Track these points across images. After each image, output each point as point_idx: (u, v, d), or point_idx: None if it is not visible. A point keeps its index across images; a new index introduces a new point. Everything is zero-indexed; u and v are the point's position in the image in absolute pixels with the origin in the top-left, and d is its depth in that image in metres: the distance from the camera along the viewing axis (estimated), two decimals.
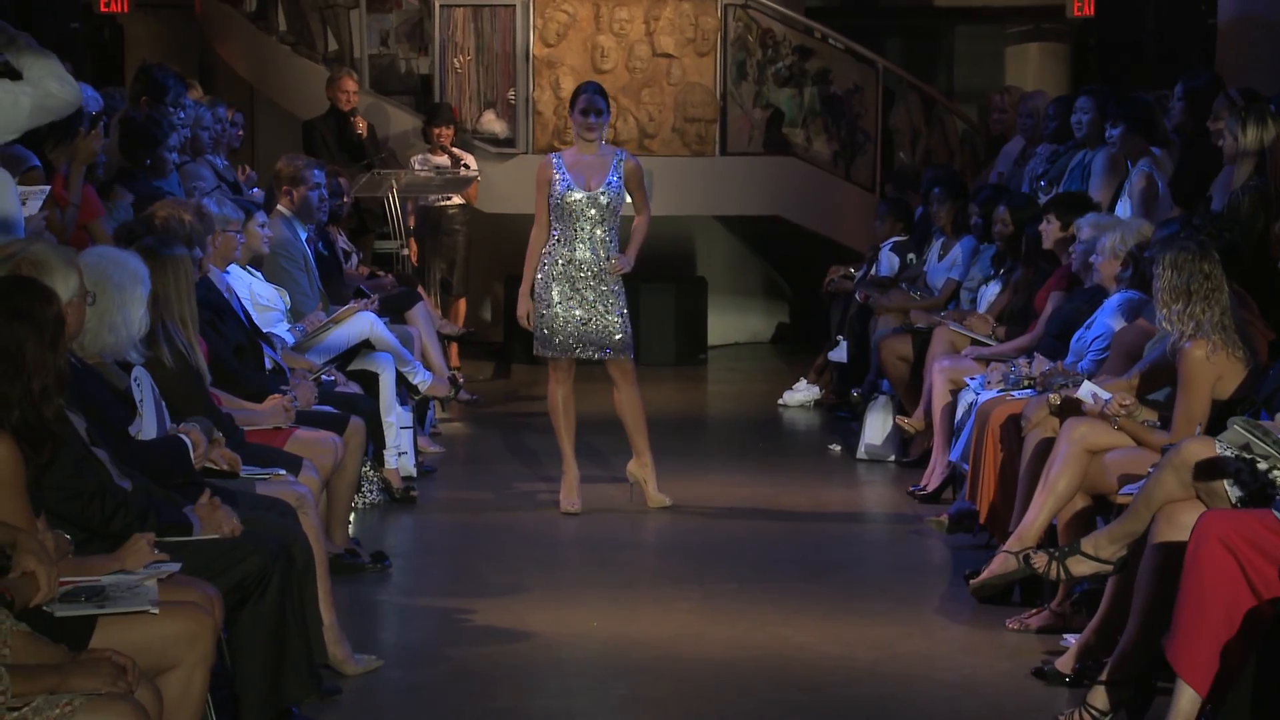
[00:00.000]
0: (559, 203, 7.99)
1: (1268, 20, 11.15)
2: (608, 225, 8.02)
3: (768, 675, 5.75)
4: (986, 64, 17.32)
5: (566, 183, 7.98)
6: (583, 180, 7.97)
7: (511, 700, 5.54)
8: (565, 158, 8.09)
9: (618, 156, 8.10)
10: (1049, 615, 6.24)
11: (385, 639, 6.26)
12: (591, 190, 7.96)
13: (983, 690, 5.63)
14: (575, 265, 8.02)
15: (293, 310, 8.32)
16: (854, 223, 13.25)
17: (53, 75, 5.60)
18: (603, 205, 7.98)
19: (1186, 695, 4.70)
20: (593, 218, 7.99)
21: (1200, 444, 5.20)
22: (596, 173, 8.00)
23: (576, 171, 8.00)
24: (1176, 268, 5.85)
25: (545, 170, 8.05)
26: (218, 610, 4.33)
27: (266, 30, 13.71)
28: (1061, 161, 9.55)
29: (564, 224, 8.02)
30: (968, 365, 8.26)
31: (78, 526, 4.44)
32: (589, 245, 8.01)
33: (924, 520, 7.92)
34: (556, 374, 8.25)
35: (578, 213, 7.97)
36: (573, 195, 7.96)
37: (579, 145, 8.11)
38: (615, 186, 8.01)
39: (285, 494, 5.58)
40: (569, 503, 8.16)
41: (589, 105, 8.00)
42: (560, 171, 8.00)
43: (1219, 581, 4.63)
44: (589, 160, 8.04)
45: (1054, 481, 6.09)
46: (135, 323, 5.16)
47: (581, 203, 7.96)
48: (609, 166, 8.03)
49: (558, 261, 8.05)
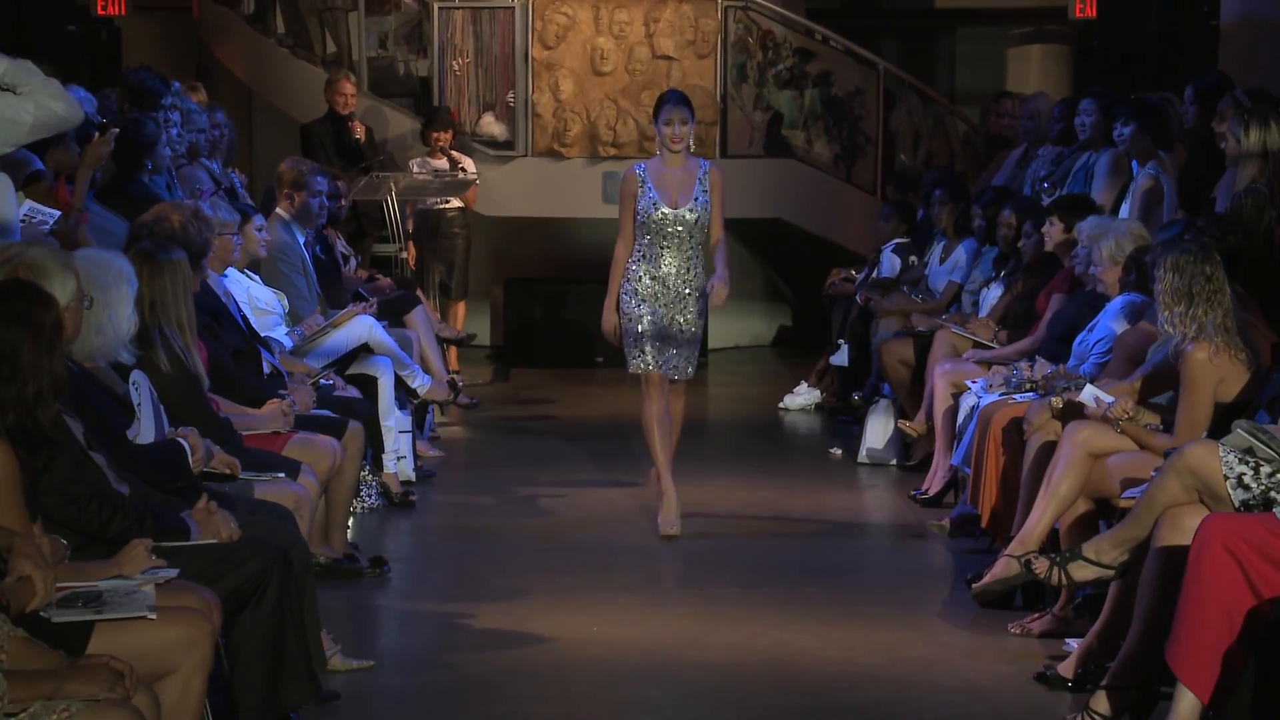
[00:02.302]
0: (644, 219, 7.74)
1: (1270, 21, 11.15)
2: (694, 241, 7.79)
3: (769, 680, 5.75)
4: (988, 66, 17.31)
5: (652, 198, 7.73)
6: (668, 196, 7.73)
7: (511, 706, 5.53)
8: (650, 171, 7.80)
9: (703, 168, 7.82)
10: (1051, 620, 6.24)
11: (384, 644, 6.27)
12: (678, 207, 7.72)
13: (985, 695, 5.64)
14: (660, 282, 7.79)
15: (291, 314, 8.33)
16: (855, 225, 13.25)
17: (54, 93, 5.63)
18: (690, 222, 7.74)
19: (1187, 700, 4.71)
20: (679, 235, 7.75)
21: (1203, 448, 5.20)
22: (683, 188, 7.76)
23: (662, 186, 7.75)
24: (1178, 270, 5.86)
25: (630, 184, 7.78)
26: (216, 616, 4.33)
27: (264, 32, 13.71)
28: (1066, 164, 9.55)
29: (649, 239, 7.79)
30: (969, 369, 8.27)
31: (75, 531, 4.45)
32: (674, 263, 7.78)
33: (926, 525, 7.93)
34: (649, 389, 7.86)
35: (664, 229, 7.74)
36: (659, 212, 7.71)
37: (663, 156, 7.80)
38: (703, 202, 7.75)
39: (283, 496, 5.59)
40: (667, 524, 7.78)
41: (674, 115, 7.73)
42: (646, 185, 7.75)
43: (1221, 586, 4.64)
44: (675, 174, 7.77)
45: (1056, 485, 6.09)
46: (123, 323, 5.15)
47: (668, 220, 7.72)
48: (695, 179, 7.77)
49: (643, 278, 7.81)
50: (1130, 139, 8.47)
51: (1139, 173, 8.44)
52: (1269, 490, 5.02)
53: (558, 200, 13.14)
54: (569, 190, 13.07)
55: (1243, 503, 5.04)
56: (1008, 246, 9.03)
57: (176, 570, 4.36)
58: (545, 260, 13.84)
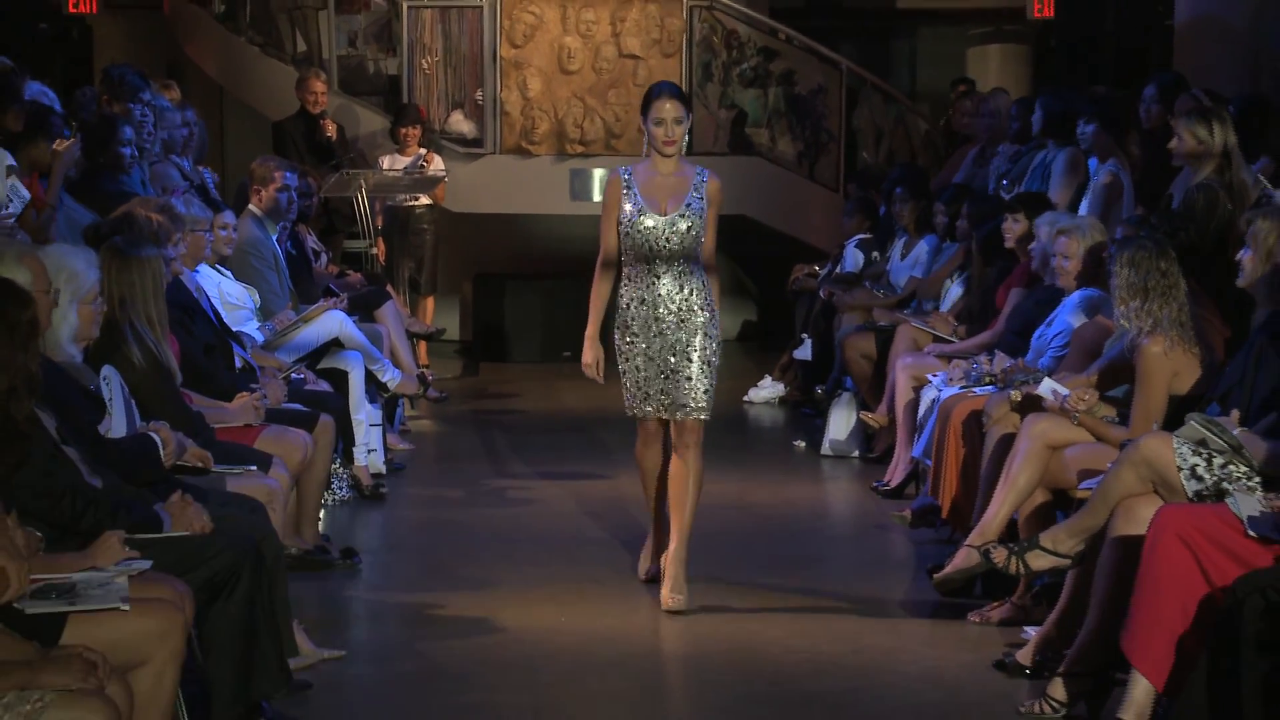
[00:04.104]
0: (629, 231, 6.40)
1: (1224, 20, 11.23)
2: (691, 255, 6.42)
3: (735, 669, 5.76)
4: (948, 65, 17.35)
5: (638, 205, 6.40)
6: (656, 203, 6.38)
7: (480, 695, 5.54)
8: (637, 175, 6.46)
9: (700, 175, 6.48)
10: (1010, 608, 6.28)
11: (355, 635, 6.26)
12: (667, 214, 6.38)
13: (945, 682, 5.67)
14: (651, 306, 6.44)
15: (262, 309, 8.30)
16: (818, 222, 13.28)
17: None
18: (683, 232, 6.38)
19: (1141, 686, 4.75)
20: (670, 248, 6.39)
21: (1158, 440, 5.24)
22: (675, 194, 6.41)
23: (650, 192, 6.41)
24: (1134, 265, 5.90)
25: (613, 189, 6.46)
26: (188, 607, 4.33)
27: (235, 31, 13.68)
28: (1023, 161, 9.59)
29: (636, 257, 6.44)
30: (930, 362, 8.30)
31: (48, 524, 4.43)
32: (666, 281, 6.43)
33: (888, 515, 7.95)
34: (643, 433, 6.66)
35: (653, 243, 6.38)
36: (645, 221, 6.38)
37: (654, 160, 6.44)
38: (698, 209, 6.40)
39: (255, 489, 5.58)
40: (644, 569, 6.85)
41: (665, 111, 6.38)
42: (631, 191, 6.43)
43: (1175, 575, 4.67)
44: (666, 180, 6.43)
45: (1015, 477, 6.12)
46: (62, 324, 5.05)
47: (657, 231, 6.37)
48: (689, 186, 6.44)
49: (630, 306, 6.48)
50: (1092, 137, 8.51)
51: (1100, 169, 8.48)
52: (1221, 481, 5.07)
53: (526, 197, 13.15)
54: (537, 187, 13.08)
55: (1196, 493, 5.08)
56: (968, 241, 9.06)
57: (150, 562, 4.34)
58: (514, 256, 13.84)
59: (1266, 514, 4.69)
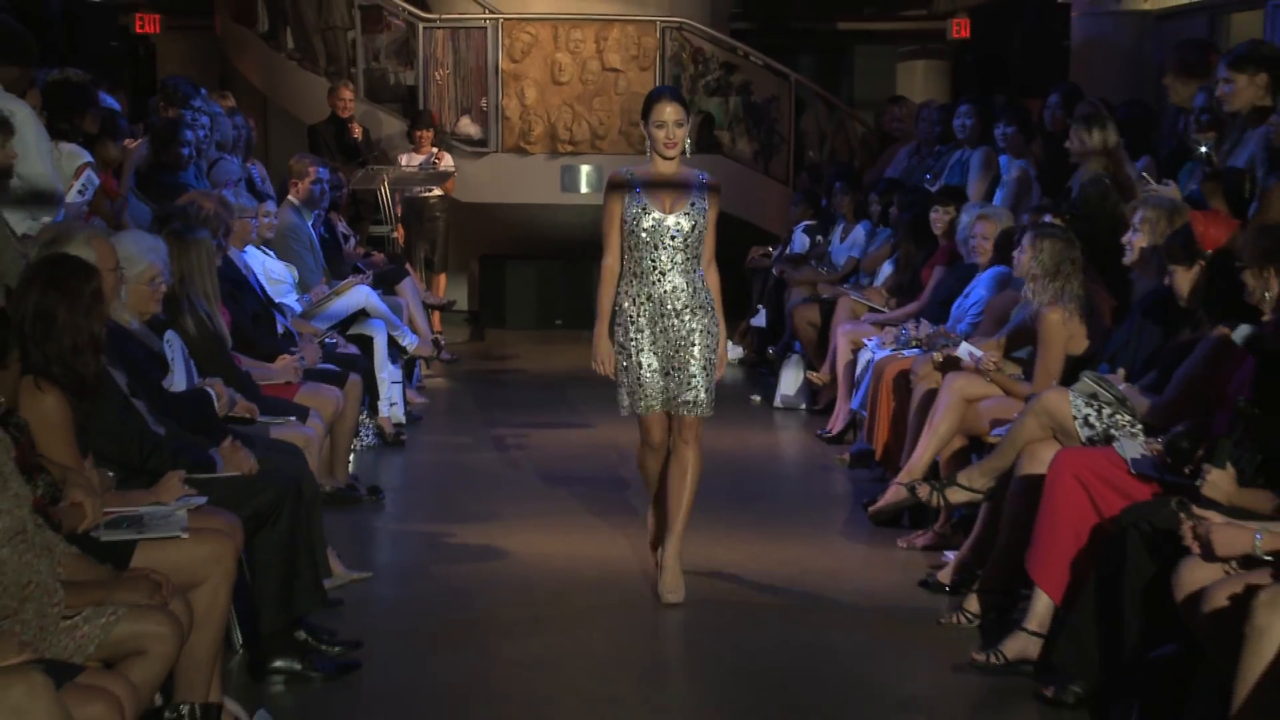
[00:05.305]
0: (633, 228, 5.59)
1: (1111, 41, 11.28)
2: (690, 255, 5.61)
3: (700, 587, 5.77)
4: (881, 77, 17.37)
5: (641, 203, 5.59)
6: (660, 201, 5.60)
7: (487, 608, 5.55)
8: (639, 174, 5.66)
9: (700, 178, 5.70)
10: (933, 536, 6.30)
11: (380, 559, 6.26)
12: (671, 213, 5.59)
13: (879, 598, 5.69)
14: (654, 304, 5.60)
15: (300, 284, 8.27)
16: (772, 211, 13.26)
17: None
18: (686, 231, 5.59)
19: (1042, 601, 4.77)
20: (674, 245, 5.59)
21: (1056, 394, 5.25)
22: (677, 193, 5.63)
23: (652, 192, 5.62)
24: (1050, 250, 5.93)
25: (616, 190, 5.65)
26: (238, 536, 4.32)
27: (277, 48, 13.61)
28: (943, 160, 9.57)
29: (638, 256, 5.61)
30: (866, 329, 8.30)
31: (119, 465, 4.42)
32: (669, 279, 5.60)
33: (830, 458, 7.96)
34: (647, 433, 5.75)
35: (657, 240, 5.58)
36: (647, 220, 5.57)
37: (655, 162, 5.64)
38: (700, 209, 5.62)
39: (294, 436, 5.56)
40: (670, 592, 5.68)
41: (666, 114, 5.62)
42: (633, 189, 5.62)
43: (1071, 507, 4.69)
44: (667, 179, 5.65)
45: (937, 425, 6.13)
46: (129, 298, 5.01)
47: (661, 228, 5.57)
48: (691, 186, 5.66)
49: (631, 303, 5.63)
50: (1011, 138, 8.50)
51: (1012, 165, 8.47)
52: (1109, 428, 5.09)
53: (523, 189, 13.11)
54: (532, 181, 13.05)
55: (1088, 438, 5.10)
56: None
57: (205, 498, 4.34)
58: (513, 239, 13.80)
59: (1147, 456, 4.71)
